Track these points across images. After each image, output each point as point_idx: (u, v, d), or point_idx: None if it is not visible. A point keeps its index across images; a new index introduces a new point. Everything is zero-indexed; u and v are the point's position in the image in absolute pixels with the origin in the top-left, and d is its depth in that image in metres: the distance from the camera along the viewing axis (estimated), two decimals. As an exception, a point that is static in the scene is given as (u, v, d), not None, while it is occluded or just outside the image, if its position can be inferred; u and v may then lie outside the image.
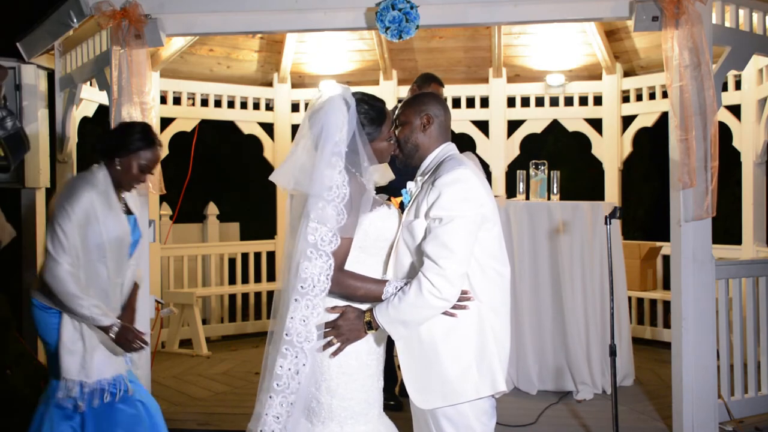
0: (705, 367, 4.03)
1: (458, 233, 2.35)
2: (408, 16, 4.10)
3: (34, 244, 5.40)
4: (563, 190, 5.10)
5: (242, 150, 9.22)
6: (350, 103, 2.43)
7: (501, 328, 2.49)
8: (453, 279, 2.34)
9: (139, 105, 4.14)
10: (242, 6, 4.30)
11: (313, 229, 2.32)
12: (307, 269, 2.31)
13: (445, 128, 2.61)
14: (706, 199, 3.89)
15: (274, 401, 2.32)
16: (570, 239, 4.81)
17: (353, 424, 2.42)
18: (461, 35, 6.56)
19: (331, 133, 2.37)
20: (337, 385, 2.41)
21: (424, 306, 2.35)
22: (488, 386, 2.43)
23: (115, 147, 3.15)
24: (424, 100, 2.62)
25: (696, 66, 3.82)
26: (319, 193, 2.33)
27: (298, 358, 2.31)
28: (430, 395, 2.45)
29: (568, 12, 4.25)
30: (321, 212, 2.32)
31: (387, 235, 2.49)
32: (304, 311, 2.31)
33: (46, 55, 5.35)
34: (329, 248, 2.32)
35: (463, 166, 2.44)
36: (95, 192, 3.06)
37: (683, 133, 3.86)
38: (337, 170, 2.35)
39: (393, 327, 2.39)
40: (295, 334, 2.31)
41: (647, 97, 6.41)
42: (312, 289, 2.31)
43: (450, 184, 2.39)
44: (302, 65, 6.95)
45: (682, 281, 4.03)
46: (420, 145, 2.58)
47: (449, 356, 2.43)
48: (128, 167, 3.14)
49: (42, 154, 5.39)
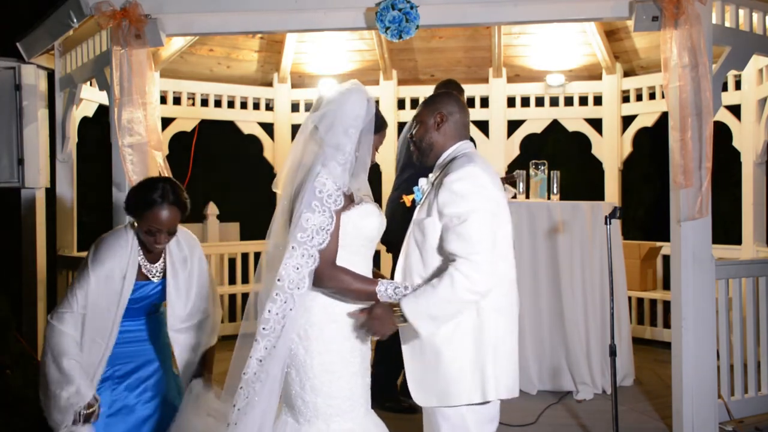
0: (705, 367, 4.03)
1: (479, 226, 2.37)
2: (408, 16, 4.10)
3: (34, 244, 5.40)
4: (563, 190, 5.10)
5: (242, 150, 9.21)
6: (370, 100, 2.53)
7: (506, 330, 2.49)
8: (486, 270, 2.36)
9: (141, 105, 4.14)
10: (242, 6, 4.30)
11: (321, 183, 2.39)
12: (309, 220, 2.37)
13: (460, 126, 2.63)
14: (698, 200, 3.89)
15: (260, 344, 2.37)
16: (570, 239, 4.81)
17: (339, 422, 2.45)
18: (461, 35, 6.56)
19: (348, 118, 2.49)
20: (321, 384, 2.43)
21: (455, 300, 2.36)
22: (479, 393, 2.44)
23: (127, 208, 2.94)
24: (438, 99, 2.66)
25: (694, 66, 3.82)
26: (333, 153, 2.43)
27: (286, 303, 2.36)
28: (427, 393, 2.48)
29: (568, 12, 4.25)
30: (331, 169, 2.42)
31: (366, 233, 2.52)
32: (299, 260, 2.36)
33: (46, 55, 5.35)
34: (333, 206, 2.39)
35: (473, 163, 2.46)
36: (116, 259, 2.91)
37: (680, 134, 3.86)
38: (351, 139, 2.46)
39: (420, 321, 2.39)
40: (287, 280, 2.36)
41: (647, 97, 6.41)
42: (310, 240, 2.37)
43: (459, 180, 2.41)
44: (302, 65, 6.95)
45: (682, 281, 4.03)
46: (434, 144, 2.62)
47: (447, 357, 2.44)
48: (140, 230, 2.92)
49: (42, 154, 5.39)
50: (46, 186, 5.45)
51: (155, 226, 2.86)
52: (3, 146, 5.27)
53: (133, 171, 4.13)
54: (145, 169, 4.15)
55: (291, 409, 2.48)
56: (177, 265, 3.03)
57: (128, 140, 4.11)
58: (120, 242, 2.94)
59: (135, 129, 4.13)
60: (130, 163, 4.12)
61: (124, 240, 2.95)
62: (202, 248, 3.17)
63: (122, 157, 4.12)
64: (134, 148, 4.13)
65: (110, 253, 2.91)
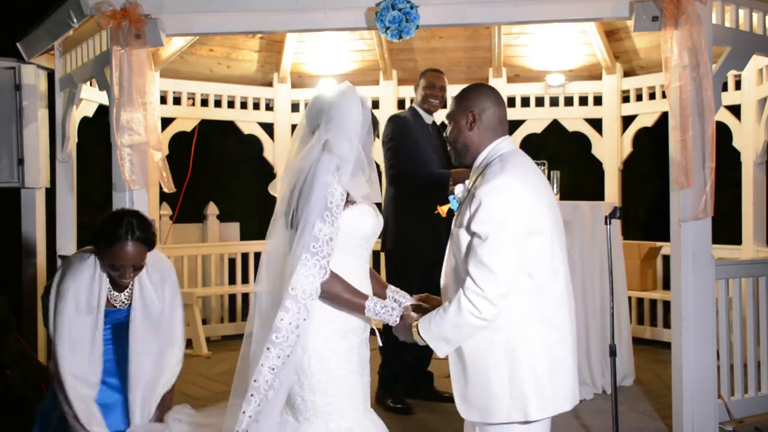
0: (705, 367, 4.03)
1: (497, 251, 2.24)
2: (408, 16, 4.10)
3: (34, 244, 5.40)
4: (563, 190, 5.09)
5: (242, 150, 9.21)
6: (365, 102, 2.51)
7: (553, 342, 2.35)
8: (493, 299, 2.25)
9: (141, 105, 4.14)
10: (242, 6, 4.30)
11: (331, 194, 2.39)
12: (322, 230, 2.36)
13: (495, 123, 2.45)
14: (702, 199, 3.88)
15: (272, 353, 2.36)
16: (570, 239, 4.77)
17: (338, 420, 2.45)
18: (461, 35, 6.56)
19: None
20: (319, 382, 2.43)
21: (463, 325, 2.29)
22: (519, 412, 2.32)
23: (92, 241, 2.87)
24: (469, 95, 2.49)
25: (695, 66, 3.82)
26: (340, 162, 2.42)
27: (300, 313, 2.35)
28: (469, 407, 2.40)
29: (568, 12, 4.25)
30: (340, 178, 2.41)
31: (362, 233, 2.51)
32: (313, 269, 2.36)
33: (46, 55, 5.35)
34: (338, 215, 2.39)
35: (505, 172, 2.31)
36: (77, 284, 2.87)
37: (680, 134, 3.85)
38: (355, 145, 2.44)
39: (436, 343, 2.36)
40: (301, 290, 2.35)
41: (647, 97, 6.41)
42: (322, 251, 2.36)
43: (488, 194, 2.28)
44: (302, 65, 6.95)
45: (682, 281, 4.03)
46: (469, 144, 2.46)
47: (486, 372, 2.35)
48: (105, 264, 2.86)
49: (42, 154, 5.39)
50: (46, 186, 5.45)
51: (119, 262, 2.80)
52: (3, 146, 5.27)
53: (130, 171, 4.13)
54: (144, 170, 4.15)
55: (291, 407, 2.49)
56: (145, 292, 2.98)
57: (128, 140, 4.11)
58: (81, 269, 2.89)
59: (135, 129, 4.13)
60: (129, 163, 4.12)
61: (86, 267, 2.90)
62: (202, 248, 3.14)
63: (120, 158, 4.12)
64: (134, 148, 4.13)
65: (70, 279, 2.88)
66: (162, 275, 3.04)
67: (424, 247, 4.45)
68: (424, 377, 4.77)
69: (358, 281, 2.51)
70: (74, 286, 2.88)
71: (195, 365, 5.80)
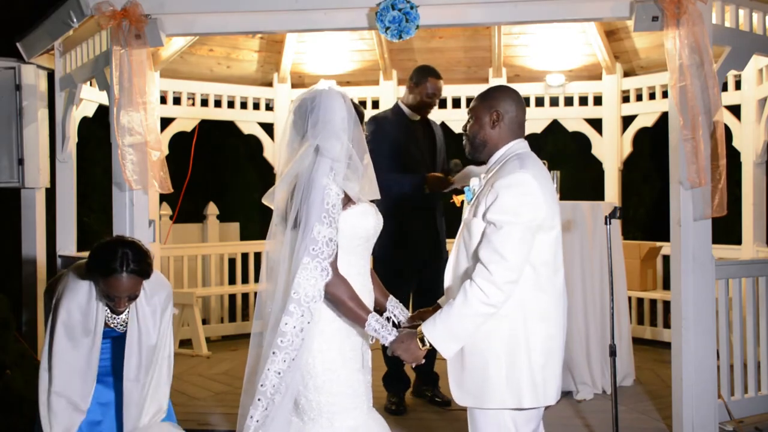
0: (705, 367, 4.03)
1: (511, 239, 2.34)
2: (408, 16, 4.10)
3: (34, 244, 5.39)
4: (563, 190, 5.09)
5: (242, 150, 9.22)
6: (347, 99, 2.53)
7: (548, 337, 2.47)
8: (502, 285, 2.33)
9: (141, 105, 4.14)
10: (242, 6, 4.30)
11: (328, 195, 2.40)
12: (321, 232, 2.38)
13: (516, 124, 2.58)
14: (716, 198, 3.88)
15: (278, 357, 2.38)
16: (570, 239, 4.80)
17: (342, 419, 2.46)
18: (461, 35, 6.56)
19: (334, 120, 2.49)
20: (323, 382, 2.45)
21: (470, 314, 2.35)
22: (513, 399, 2.43)
23: (87, 270, 2.85)
24: (495, 95, 2.60)
25: (699, 65, 3.82)
26: (333, 162, 2.44)
27: (303, 317, 2.37)
28: (463, 393, 2.48)
29: (568, 12, 4.25)
30: (334, 178, 2.43)
31: (362, 233, 2.53)
32: (314, 272, 2.37)
33: (46, 55, 5.35)
34: (336, 216, 2.41)
35: (524, 169, 2.42)
36: (74, 304, 2.88)
37: (689, 133, 3.84)
38: (344, 143, 2.47)
39: (443, 342, 2.39)
40: (303, 294, 2.37)
41: (647, 97, 6.41)
42: (322, 253, 2.38)
43: (507, 187, 2.38)
44: (302, 65, 6.95)
45: (682, 281, 4.03)
46: (488, 141, 2.57)
47: (484, 359, 2.43)
48: (100, 292, 2.85)
49: (42, 154, 5.39)
50: (46, 186, 5.45)
51: (114, 293, 2.78)
52: (3, 146, 5.27)
53: (132, 171, 4.13)
54: (144, 169, 4.15)
55: (295, 407, 2.50)
56: (142, 324, 2.97)
57: (128, 140, 4.11)
58: (76, 291, 2.89)
59: (135, 129, 4.13)
60: (130, 163, 4.12)
61: (83, 290, 2.89)
62: (202, 248, 3.15)
63: (121, 158, 4.12)
64: (134, 148, 4.13)
65: (68, 299, 2.87)
66: (162, 304, 3.03)
67: (405, 251, 4.50)
68: (429, 378, 4.75)
69: (359, 280, 2.53)
70: (72, 306, 2.88)
71: (195, 365, 5.80)
